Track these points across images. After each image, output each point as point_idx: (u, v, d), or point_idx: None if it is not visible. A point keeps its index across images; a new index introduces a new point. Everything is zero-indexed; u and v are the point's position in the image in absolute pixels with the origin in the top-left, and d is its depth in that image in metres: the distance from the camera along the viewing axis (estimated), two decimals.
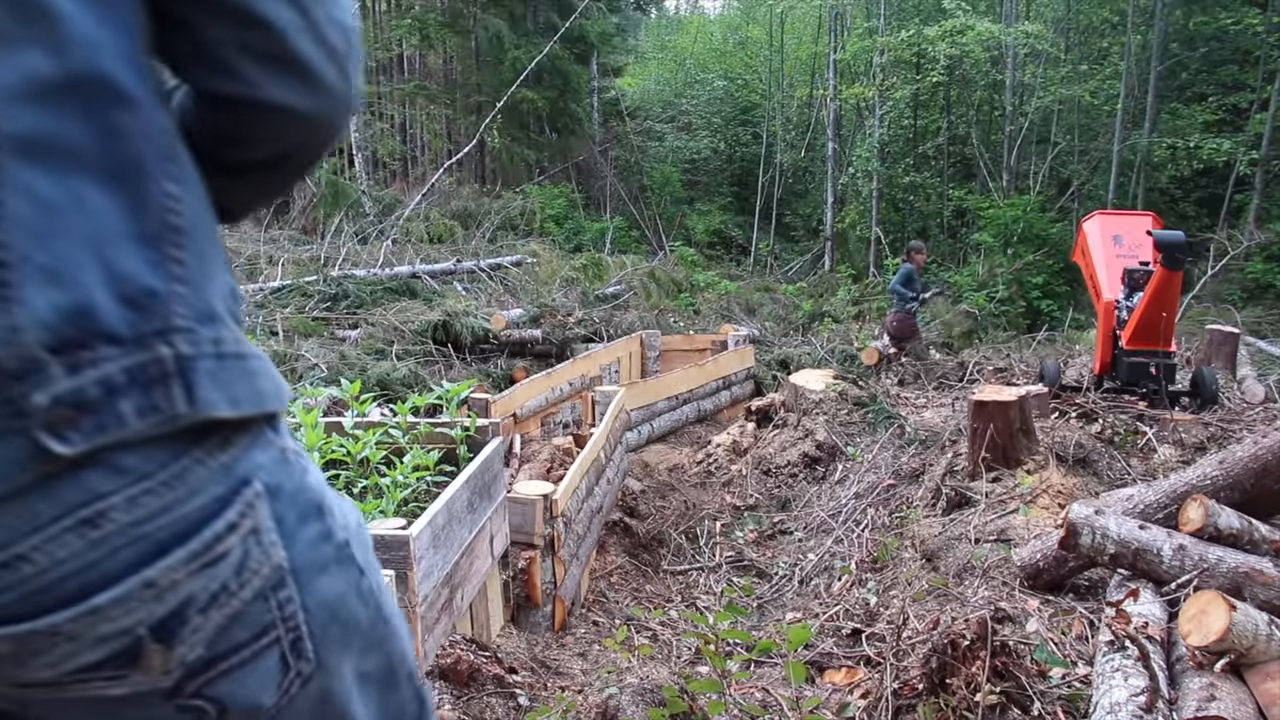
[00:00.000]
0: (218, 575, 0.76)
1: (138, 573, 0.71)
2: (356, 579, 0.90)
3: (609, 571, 5.19)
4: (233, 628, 0.78)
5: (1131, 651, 2.76)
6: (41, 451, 0.65)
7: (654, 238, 23.14)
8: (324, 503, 0.88)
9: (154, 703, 0.76)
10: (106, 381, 0.67)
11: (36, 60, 0.65)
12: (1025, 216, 17.41)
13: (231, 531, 0.77)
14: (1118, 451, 5.57)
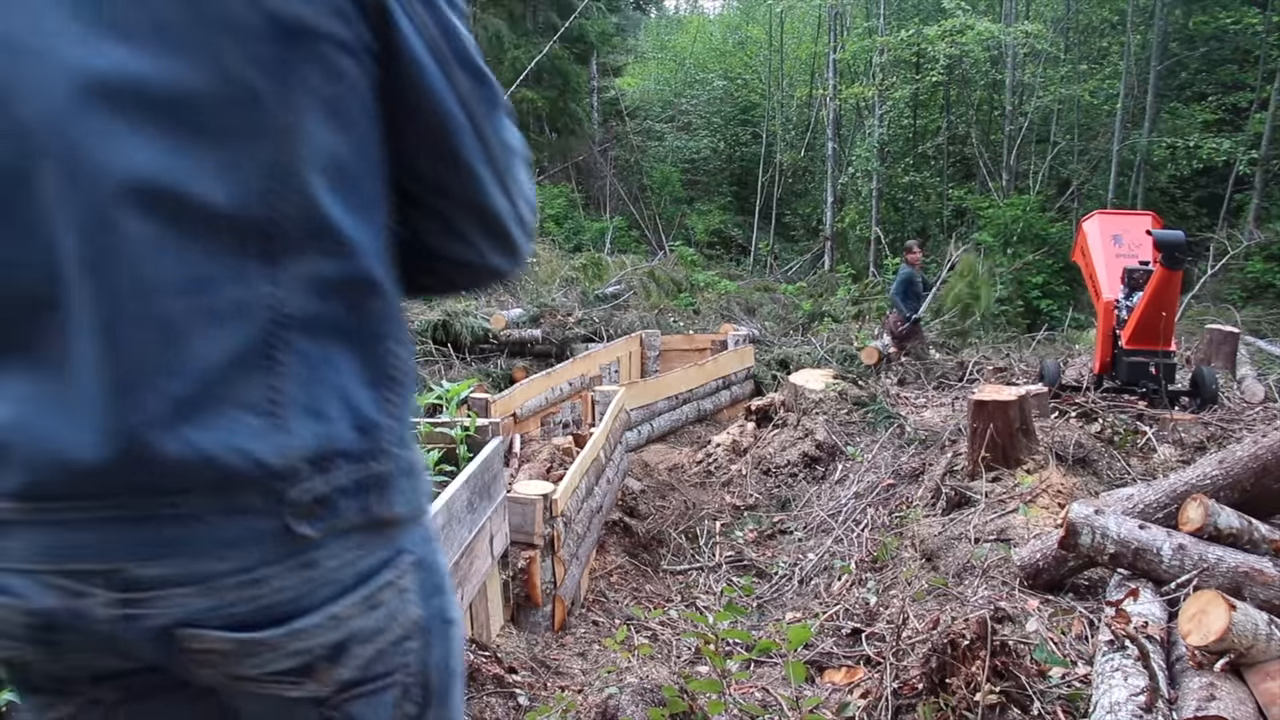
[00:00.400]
0: (375, 618, 0.98)
1: (327, 607, 0.94)
2: (448, 656, 1.11)
3: (609, 571, 5.20)
4: (375, 662, 1.00)
5: (1131, 651, 2.76)
6: (290, 531, 0.91)
7: (654, 237, 23.15)
8: (444, 583, 1.10)
9: (308, 706, 0.98)
10: (341, 488, 0.94)
11: (323, 265, 0.92)
12: (1025, 216, 17.42)
13: (388, 587, 1.00)
14: (1117, 451, 5.57)
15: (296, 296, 0.91)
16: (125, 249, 0.85)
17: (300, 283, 0.91)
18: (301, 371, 0.91)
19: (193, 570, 0.89)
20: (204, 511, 0.89)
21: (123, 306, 0.86)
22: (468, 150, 1.00)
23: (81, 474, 0.87)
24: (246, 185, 0.87)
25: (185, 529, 0.89)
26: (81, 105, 0.82)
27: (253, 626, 0.91)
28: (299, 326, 0.91)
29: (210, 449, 0.87)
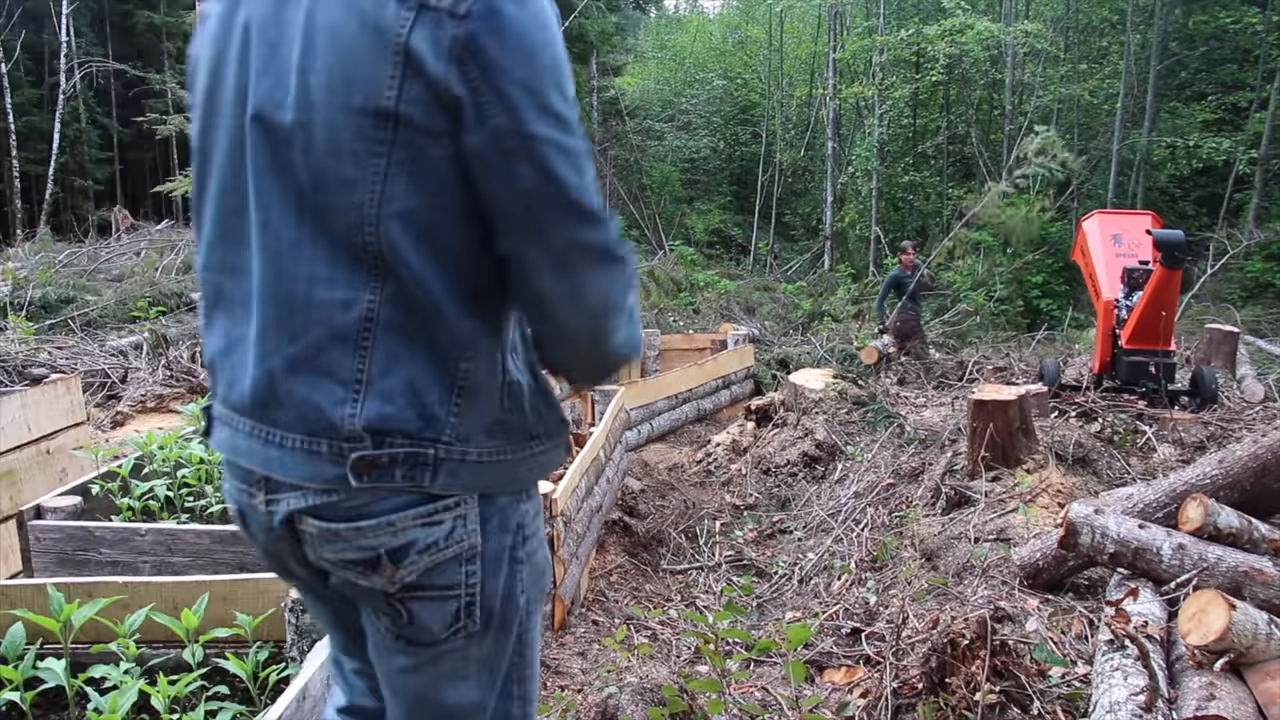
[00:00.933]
0: (433, 534, 1.24)
1: (387, 515, 1.22)
2: (514, 590, 1.34)
3: (608, 571, 5.19)
4: (434, 572, 1.25)
5: (1131, 651, 2.76)
6: (347, 480, 1.20)
7: (653, 237, 23.14)
8: (523, 529, 1.35)
9: (379, 598, 1.27)
10: (394, 457, 1.20)
11: (404, 288, 1.18)
12: (1024, 215, 17.40)
13: (447, 510, 1.25)
14: (1117, 451, 5.57)
15: (387, 306, 1.19)
16: (279, 245, 1.21)
17: (390, 296, 1.19)
18: (383, 361, 1.19)
19: (294, 480, 1.24)
20: (297, 444, 1.23)
21: (272, 285, 1.22)
22: (528, 235, 1.21)
23: (245, 397, 1.27)
24: (351, 220, 1.17)
25: (288, 453, 1.24)
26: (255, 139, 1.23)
27: (331, 519, 1.23)
28: (386, 327, 1.19)
29: (301, 400, 1.21)
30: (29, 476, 4.54)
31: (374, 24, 1.12)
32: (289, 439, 1.23)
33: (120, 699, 1.91)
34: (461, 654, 1.31)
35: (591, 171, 1.22)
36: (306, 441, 1.22)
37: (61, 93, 24.81)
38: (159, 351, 8.76)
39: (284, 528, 1.28)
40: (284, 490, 1.26)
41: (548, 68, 1.16)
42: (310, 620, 2.15)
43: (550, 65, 1.17)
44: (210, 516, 3.42)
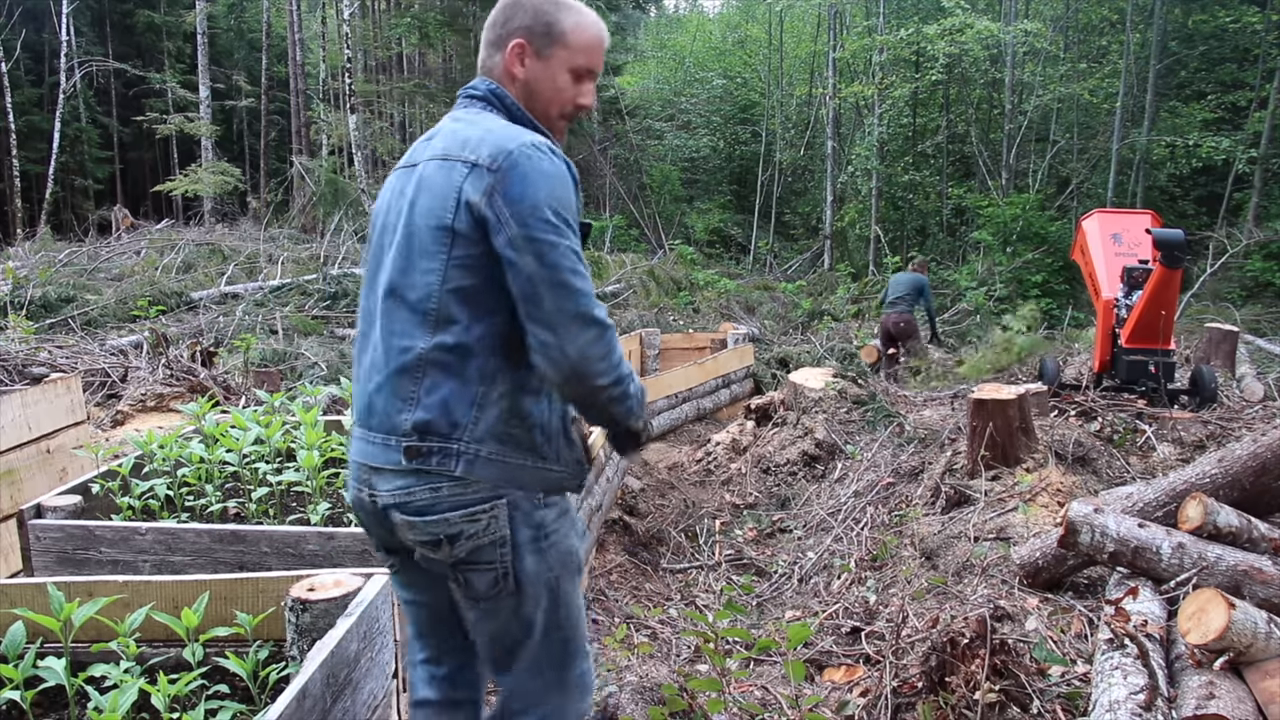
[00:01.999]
0: (475, 526, 1.80)
1: (444, 513, 1.79)
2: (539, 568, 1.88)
3: (608, 570, 5.20)
4: (478, 552, 1.82)
5: (1131, 649, 2.76)
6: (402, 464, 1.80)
7: (653, 236, 23.15)
8: (546, 528, 1.88)
9: (444, 569, 1.85)
10: (431, 449, 1.78)
11: (448, 338, 1.78)
12: (1024, 215, 17.41)
13: (485, 512, 1.80)
14: (1117, 450, 5.57)
15: (436, 350, 1.79)
16: (381, 309, 1.88)
17: (439, 342, 1.78)
18: (429, 386, 1.80)
19: (377, 464, 1.85)
20: (379, 441, 1.85)
21: (376, 333, 1.89)
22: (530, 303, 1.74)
23: (360, 412, 1.92)
24: (421, 293, 1.80)
25: (376, 447, 1.85)
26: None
27: (407, 514, 1.82)
28: (432, 364, 1.79)
29: (383, 412, 1.84)
30: (29, 475, 4.54)
31: (448, 177, 1.80)
32: (376, 437, 1.85)
33: (120, 698, 1.91)
34: (507, 607, 1.87)
35: (581, 264, 1.75)
36: (384, 438, 1.83)
37: (62, 92, 24.81)
38: (159, 350, 8.76)
39: (383, 514, 1.85)
40: (378, 488, 1.85)
41: (547, 194, 1.73)
42: (310, 619, 2.15)
43: (549, 193, 1.74)
44: (210, 516, 3.42)
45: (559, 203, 1.73)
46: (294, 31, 24.43)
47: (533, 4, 1.90)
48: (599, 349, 1.74)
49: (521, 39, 1.89)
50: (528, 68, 1.91)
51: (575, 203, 1.78)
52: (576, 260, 1.72)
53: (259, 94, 27.77)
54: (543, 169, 1.73)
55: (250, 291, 12.56)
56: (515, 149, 1.74)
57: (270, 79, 27.89)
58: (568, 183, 1.77)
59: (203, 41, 25.75)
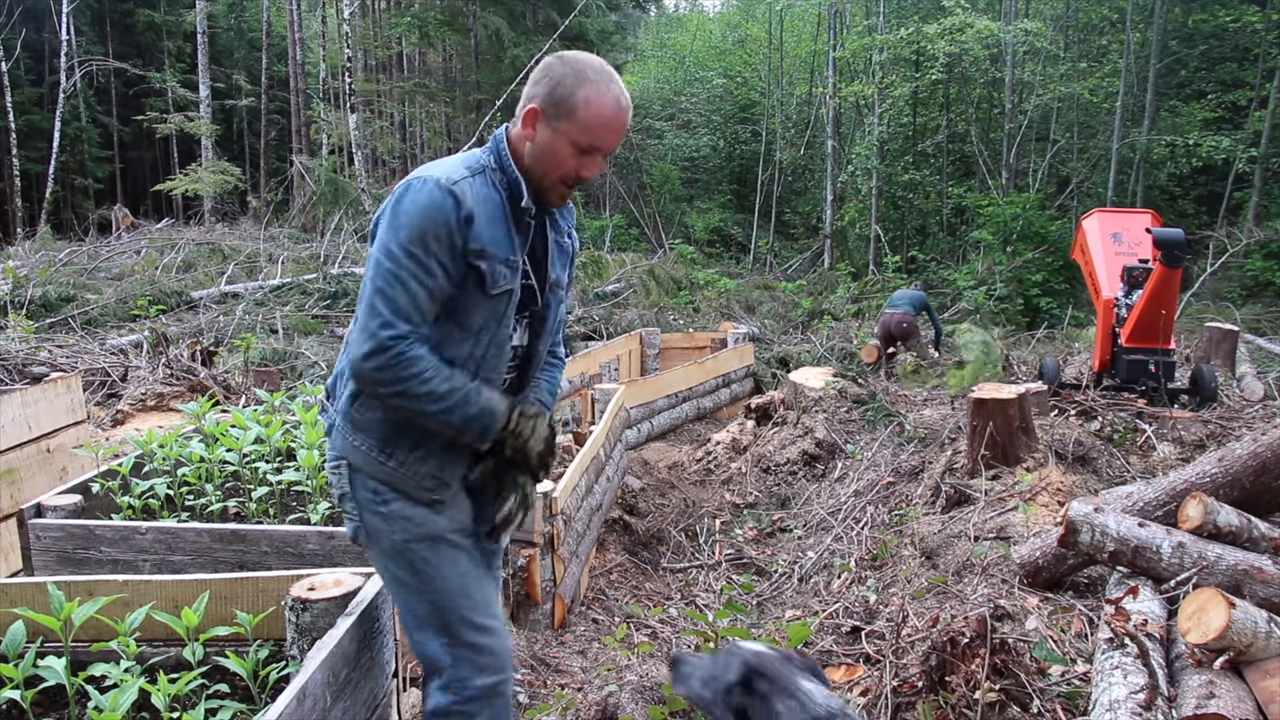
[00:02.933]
0: (334, 478, 2.11)
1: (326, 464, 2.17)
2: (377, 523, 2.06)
3: (608, 569, 5.20)
4: (341, 501, 2.11)
5: (1131, 649, 2.76)
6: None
7: (653, 236, 23.14)
8: (388, 493, 2.05)
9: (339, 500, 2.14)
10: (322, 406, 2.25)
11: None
12: (1024, 214, 17.41)
13: (335, 469, 2.10)
14: (1117, 449, 5.57)
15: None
16: None
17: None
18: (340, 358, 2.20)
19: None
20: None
21: None
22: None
23: None
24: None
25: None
26: None
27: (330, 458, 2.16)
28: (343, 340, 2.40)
29: None
30: (29, 475, 4.54)
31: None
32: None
33: (120, 697, 1.91)
34: (375, 562, 2.13)
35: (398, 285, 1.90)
36: None
37: (62, 91, 24.80)
38: (159, 350, 8.76)
39: None
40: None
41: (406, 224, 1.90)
42: (310, 619, 2.15)
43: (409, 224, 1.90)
44: (210, 515, 3.42)
45: (416, 235, 1.89)
46: (294, 31, 24.43)
47: (560, 72, 1.96)
48: (375, 361, 1.90)
49: (537, 106, 1.97)
50: (538, 133, 1.98)
51: (450, 230, 1.90)
52: (396, 283, 1.88)
53: (259, 93, 27.78)
54: (415, 200, 1.90)
55: (250, 291, 12.55)
56: (410, 180, 1.95)
57: (270, 78, 27.89)
58: (441, 214, 1.90)
59: (203, 41, 25.74)
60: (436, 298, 1.93)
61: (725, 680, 1.72)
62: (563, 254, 2.20)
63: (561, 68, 1.96)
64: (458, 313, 1.98)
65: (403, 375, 1.90)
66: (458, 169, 1.96)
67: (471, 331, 2.00)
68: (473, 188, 1.94)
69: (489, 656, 2.08)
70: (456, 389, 1.94)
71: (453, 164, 1.99)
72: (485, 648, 2.08)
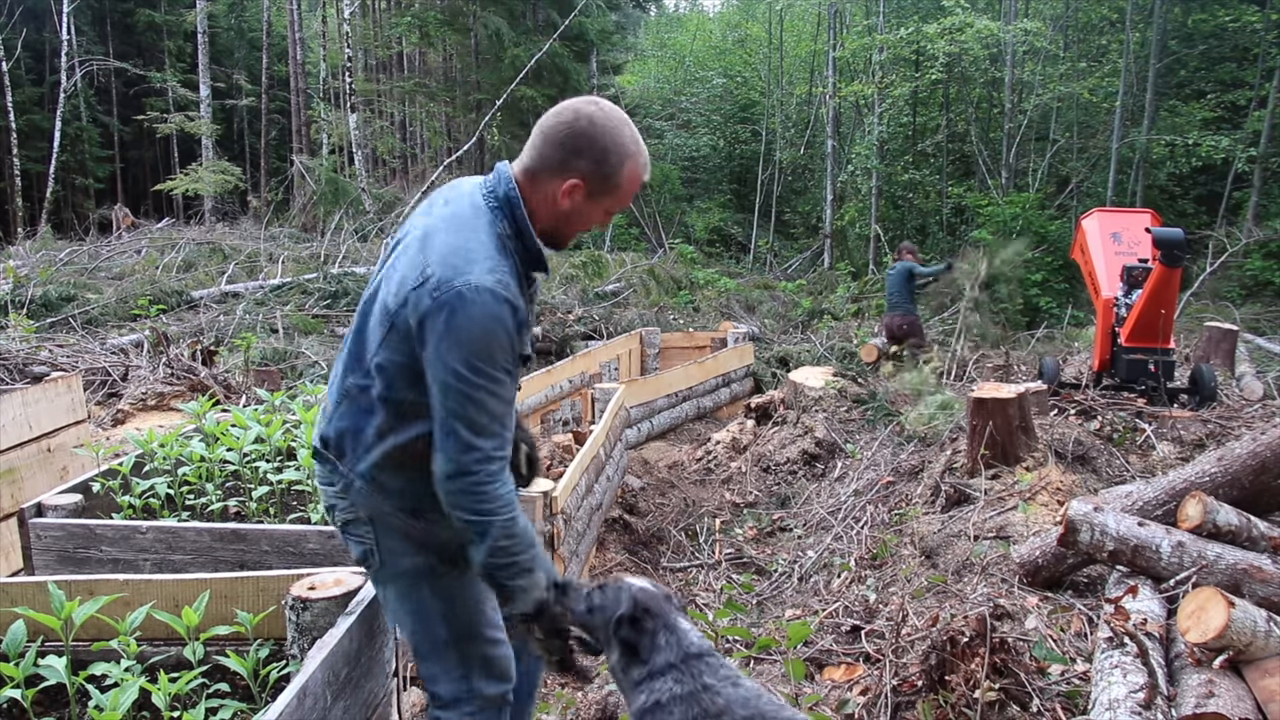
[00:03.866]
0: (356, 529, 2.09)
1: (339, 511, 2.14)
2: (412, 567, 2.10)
3: (609, 569, 5.20)
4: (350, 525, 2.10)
5: (1130, 648, 2.76)
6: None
7: (653, 235, 23.14)
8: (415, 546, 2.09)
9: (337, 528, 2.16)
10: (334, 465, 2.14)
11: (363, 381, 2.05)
12: (1024, 214, 17.39)
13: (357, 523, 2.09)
14: (1116, 449, 5.57)
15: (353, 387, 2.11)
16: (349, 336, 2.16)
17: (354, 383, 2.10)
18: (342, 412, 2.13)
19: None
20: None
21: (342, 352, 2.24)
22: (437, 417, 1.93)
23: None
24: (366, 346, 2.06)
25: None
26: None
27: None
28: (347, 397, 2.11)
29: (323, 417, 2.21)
30: (30, 474, 4.54)
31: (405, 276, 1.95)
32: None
33: (121, 696, 1.92)
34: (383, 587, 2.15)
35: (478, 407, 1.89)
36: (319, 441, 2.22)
37: (62, 91, 24.79)
38: (160, 349, 8.76)
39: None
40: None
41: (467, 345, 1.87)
42: (311, 618, 2.15)
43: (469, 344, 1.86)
44: (211, 514, 3.43)
45: (483, 350, 1.86)
46: (294, 30, 24.43)
47: (602, 145, 1.94)
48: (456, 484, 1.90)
49: (579, 180, 1.95)
50: (574, 204, 1.98)
51: (508, 338, 1.88)
52: (471, 404, 1.87)
53: (259, 93, 27.78)
54: (472, 316, 1.84)
55: (251, 290, 12.55)
56: (464, 286, 1.85)
57: (270, 78, 27.89)
58: (500, 326, 1.87)
59: (203, 40, 25.74)
60: (508, 400, 1.94)
61: (614, 611, 1.88)
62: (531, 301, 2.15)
63: (603, 139, 1.94)
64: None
65: (479, 508, 1.89)
66: (493, 258, 1.90)
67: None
68: (510, 274, 1.92)
69: (500, 664, 2.18)
70: (521, 547, 1.93)
71: (485, 250, 1.91)
72: (496, 658, 2.17)
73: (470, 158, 24.43)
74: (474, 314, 1.83)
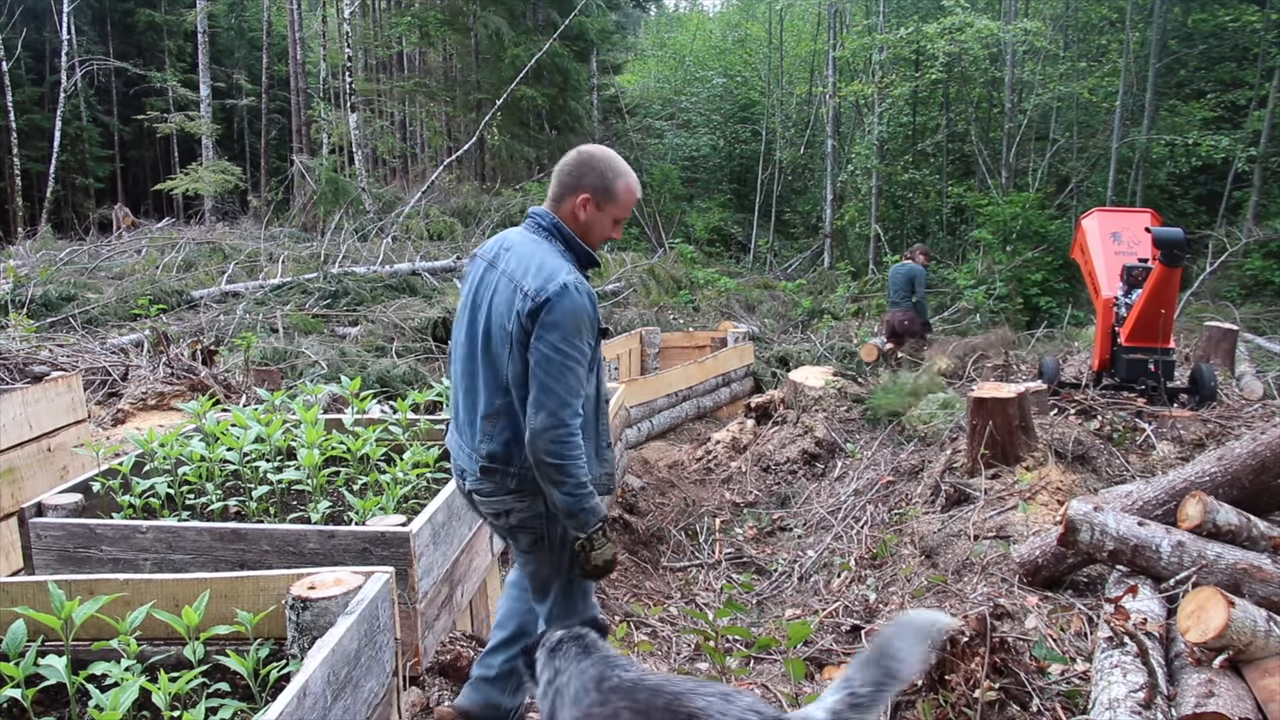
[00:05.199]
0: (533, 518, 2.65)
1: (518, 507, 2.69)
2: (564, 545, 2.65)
3: None
4: (525, 521, 2.66)
5: (1130, 648, 2.76)
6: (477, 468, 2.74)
7: (653, 235, 23.14)
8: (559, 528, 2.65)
9: (504, 530, 2.75)
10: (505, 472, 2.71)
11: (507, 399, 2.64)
12: (1024, 213, 17.40)
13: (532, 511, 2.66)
14: (1116, 448, 5.58)
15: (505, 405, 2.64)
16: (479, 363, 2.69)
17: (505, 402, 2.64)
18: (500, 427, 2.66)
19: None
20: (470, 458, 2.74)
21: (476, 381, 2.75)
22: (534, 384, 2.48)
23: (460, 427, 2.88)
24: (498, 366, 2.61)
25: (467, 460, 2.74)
26: None
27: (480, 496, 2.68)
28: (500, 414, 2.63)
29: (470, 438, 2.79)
30: (30, 474, 4.55)
31: (510, 296, 2.53)
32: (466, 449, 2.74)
33: (121, 696, 1.92)
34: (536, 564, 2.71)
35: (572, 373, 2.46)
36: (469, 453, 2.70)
37: (62, 91, 24.79)
38: (160, 349, 8.76)
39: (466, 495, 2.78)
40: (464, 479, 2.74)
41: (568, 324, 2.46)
42: (311, 618, 2.15)
43: (571, 322, 2.46)
44: (211, 514, 3.43)
45: (574, 330, 2.46)
46: (294, 30, 24.42)
47: (600, 168, 2.62)
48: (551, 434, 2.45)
49: (588, 194, 2.61)
50: (589, 214, 2.63)
51: (590, 321, 2.50)
52: (566, 371, 2.45)
53: (259, 93, 27.78)
54: (568, 305, 2.45)
55: (251, 290, 12.55)
56: (555, 288, 2.46)
57: (271, 78, 27.89)
58: (584, 311, 2.48)
59: (203, 40, 25.74)
60: (589, 370, 2.54)
61: None
62: None
63: (597, 163, 2.62)
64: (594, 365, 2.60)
65: (565, 454, 2.45)
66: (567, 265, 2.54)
67: (593, 371, 2.59)
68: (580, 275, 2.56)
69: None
70: (588, 483, 2.51)
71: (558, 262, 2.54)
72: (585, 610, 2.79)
73: (470, 157, 24.43)
74: (566, 305, 2.45)
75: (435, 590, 3.20)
